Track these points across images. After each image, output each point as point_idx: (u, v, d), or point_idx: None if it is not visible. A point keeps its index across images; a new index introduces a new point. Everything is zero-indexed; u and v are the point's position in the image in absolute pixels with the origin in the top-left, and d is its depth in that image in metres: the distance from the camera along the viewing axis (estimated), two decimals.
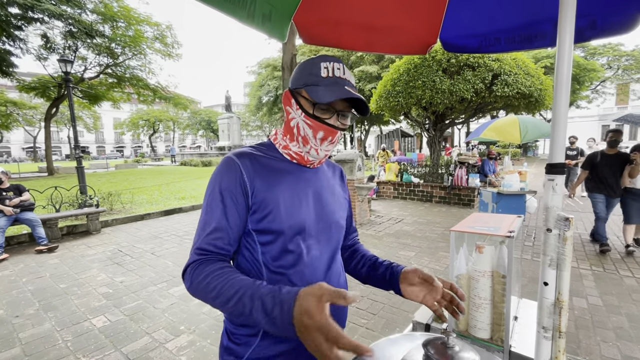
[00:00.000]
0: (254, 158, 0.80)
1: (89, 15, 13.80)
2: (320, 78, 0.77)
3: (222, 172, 0.78)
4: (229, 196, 0.76)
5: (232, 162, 0.78)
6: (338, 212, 0.90)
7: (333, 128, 0.79)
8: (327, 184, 0.91)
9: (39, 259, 4.52)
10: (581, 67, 21.67)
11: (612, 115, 35.97)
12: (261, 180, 0.78)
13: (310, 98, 0.78)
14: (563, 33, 0.70)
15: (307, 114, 0.78)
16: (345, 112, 0.81)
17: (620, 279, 3.61)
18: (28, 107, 25.32)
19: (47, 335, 2.64)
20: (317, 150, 0.81)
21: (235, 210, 0.76)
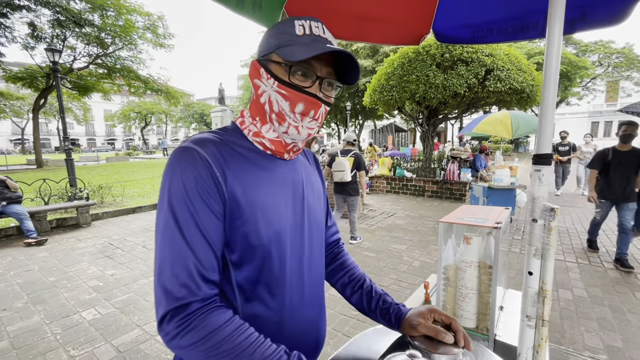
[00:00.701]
0: (221, 145, 0.63)
1: (77, 3, 13.44)
2: (295, 37, 0.61)
3: (182, 167, 0.58)
4: (201, 200, 0.57)
5: (193, 153, 0.58)
6: (320, 210, 0.79)
7: (315, 98, 0.63)
8: (306, 177, 0.77)
9: (27, 252, 4.45)
10: (572, 64, 21.88)
11: (601, 112, 36.59)
12: (234, 177, 0.61)
13: (283, 60, 0.61)
14: (553, 25, 0.70)
15: (282, 82, 0.63)
16: (330, 80, 0.65)
17: (605, 271, 3.70)
18: (15, 97, 24.66)
19: (35, 329, 2.62)
20: (298, 127, 0.65)
21: (213, 220, 0.58)
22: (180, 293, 0.54)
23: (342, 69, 0.67)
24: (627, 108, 5.10)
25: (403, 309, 0.77)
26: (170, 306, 0.54)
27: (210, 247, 0.57)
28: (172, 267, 0.55)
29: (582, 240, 4.85)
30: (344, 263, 0.90)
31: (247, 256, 0.63)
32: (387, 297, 0.81)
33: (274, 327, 0.67)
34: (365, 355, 0.76)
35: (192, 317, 0.54)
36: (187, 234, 0.56)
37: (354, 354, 0.78)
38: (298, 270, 0.70)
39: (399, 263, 3.99)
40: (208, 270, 0.57)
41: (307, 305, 0.73)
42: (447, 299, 1.07)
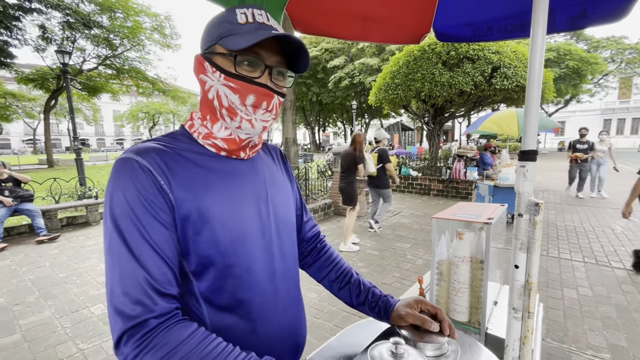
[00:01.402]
0: (165, 154, 0.58)
1: (86, 5, 13.68)
2: (237, 25, 0.58)
3: (122, 181, 0.54)
4: (146, 212, 0.53)
5: (132, 164, 0.54)
6: (287, 208, 0.75)
7: (266, 88, 0.60)
8: (270, 175, 0.73)
9: (39, 249, 4.58)
10: (583, 60, 21.49)
11: (614, 110, 35.83)
12: (181, 186, 0.57)
13: (227, 50, 0.58)
14: (536, 24, 0.72)
15: (228, 74, 0.59)
16: (280, 69, 0.62)
17: (612, 270, 3.66)
18: (27, 99, 25.23)
19: (46, 322, 2.70)
20: (251, 120, 0.61)
21: (163, 231, 0.54)
22: (134, 311, 0.49)
23: (292, 58, 0.64)
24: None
25: (392, 301, 0.78)
26: (125, 326, 0.49)
27: (162, 259, 0.53)
28: (122, 286, 0.50)
29: (590, 239, 4.79)
30: (329, 259, 0.88)
31: (206, 265, 0.59)
32: (376, 290, 0.81)
33: (247, 335, 0.64)
34: (354, 346, 0.79)
35: (150, 336, 0.49)
36: (134, 249, 0.52)
37: (344, 344, 0.80)
38: (268, 274, 0.67)
39: (403, 261, 4.00)
40: (162, 283, 0.52)
41: (280, 309, 0.70)
42: (441, 293, 1.09)
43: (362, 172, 4.50)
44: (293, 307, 0.74)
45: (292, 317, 0.74)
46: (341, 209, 6.58)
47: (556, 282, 3.39)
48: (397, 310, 0.74)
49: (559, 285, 3.30)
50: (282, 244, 0.71)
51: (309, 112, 31.02)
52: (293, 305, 0.74)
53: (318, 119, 33.75)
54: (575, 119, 38.07)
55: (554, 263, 3.89)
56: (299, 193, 0.86)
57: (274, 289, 0.68)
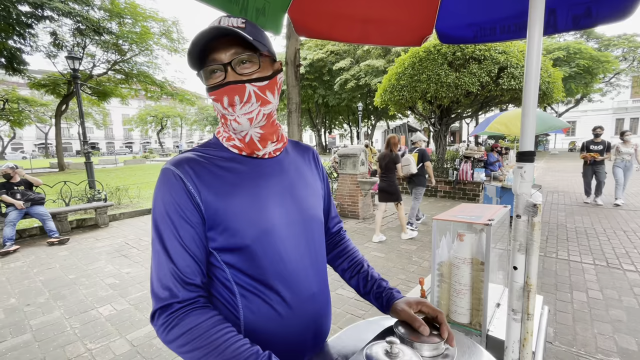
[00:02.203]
0: (195, 163, 0.67)
1: (96, 12, 13.97)
2: (191, 49, 0.64)
3: (162, 188, 0.65)
4: (177, 215, 0.63)
5: (169, 174, 0.65)
6: (315, 205, 0.80)
7: (230, 84, 0.65)
8: (296, 173, 0.78)
9: (49, 251, 4.67)
10: (594, 58, 21.12)
11: (627, 109, 35.10)
12: (209, 188, 0.66)
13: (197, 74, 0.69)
14: (533, 25, 0.72)
15: (207, 90, 0.68)
16: (240, 57, 0.65)
17: (624, 273, 3.58)
18: (39, 104, 25.79)
19: (56, 323, 2.75)
20: (236, 119, 0.68)
21: (190, 230, 0.64)
22: (163, 294, 0.61)
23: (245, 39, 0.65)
24: None
25: (396, 294, 0.80)
26: (157, 305, 0.62)
27: (188, 254, 0.63)
28: (157, 274, 0.63)
29: (601, 241, 4.70)
30: (345, 249, 0.94)
31: (236, 258, 0.67)
32: (383, 282, 0.85)
33: (275, 321, 0.70)
34: (353, 344, 0.79)
35: (173, 316, 0.61)
36: (167, 246, 0.63)
37: (344, 342, 0.81)
38: (296, 264, 0.72)
39: (408, 263, 3.98)
40: (187, 274, 0.63)
41: (308, 299, 0.75)
42: (442, 294, 1.09)
43: (401, 171, 4.95)
44: (321, 298, 0.79)
45: (320, 308, 0.78)
46: (347, 211, 6.58)
47: (565, 284, 3.33)
48: (396, 305, 0.76)
49: (568, 288, 3.24)
50: (309, 238, 0.76)
51: (315, 114, 31.09)
52: (321, 296, 0.79)
53: (324, 121, 33.80)
54: (586, 119, 37.36)
55: (564, 265, 3.82)
56: (328, 192, 0.91)
57: (302, 277, 0.73)
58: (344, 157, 6.58)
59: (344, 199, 6.60)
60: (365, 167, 6.75)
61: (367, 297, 0.85)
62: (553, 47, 21.97)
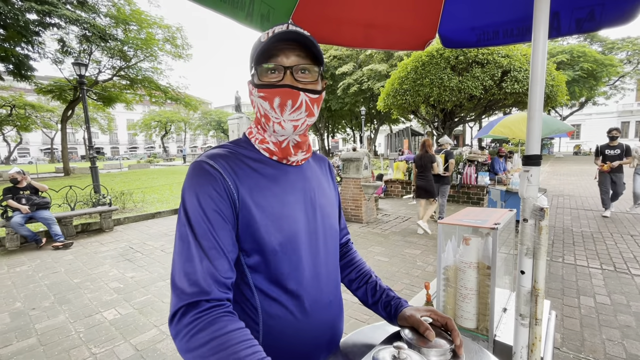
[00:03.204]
0: (231, 159, 0.67)
1: (102, 19, 14.18)
2: (259, 44, 0.65)
3: (197, 181, 0.63)
4: (214, 210, 0.61)
5: (206, 167, 0.63)
6: (333, 214, 0.81)
7: (287, 87, 0.64)
8: (317, 183, 0.79)
9: (54, 255, 4.69)
10: (598, 62, 21.05)
11: (632, 112, 34.85)
12: (245, 187, 0.65)
13: (253, 67, 0.68)
14: (537, 28, 0.72)
15: (257, 86, 0.67)
16: (302, 65, 0.66)
17: (632, 277, 3.53)
18: (45, 109, 26.13)
19: (61, 327, 2.76)
20: (281, 123, 0.67)
21: (226, 227, 0.62)
22: (190, 290, 0.57)
23: (313, 49, 0.67)
24: None
25: (404, 303, 0.80)
26: (180, 303, 0.56)
27: (222, 252, 0.61)
28: (185, 269, 0.58)
29: (608, 245, 4.64)
30: (352, 260, 0.94)
31: (261, 260, 0.67)
32: (391, 292, 0.85)
33: (293, 327, 0.71)
34: (360, 349, 0.79)
35: (201, 316, 0.55)
36: (201, 240, 0.60)
37: (351, 348, 0.80)
38: (314, 272, 0.73)
39: (412, 268, 3.95)
40: (221, 272, 0.60)
41: (324, 306, 0.76)
42: (447, 299, 1.08)
43: (437, 169, 5.44)
44: (335, 306, 0.80)
45: (334, 316, 0.80)
46: (350, 215, 6.56)
47: (572, 289, 3.29)
48: (404, 312, 0.76)
49: (576, 293, 3.20)
50: (327, 246, 0.77)
51: (318, 118, 31.20)
52: (335, 304, 0.80)
53: (327, 125, 33.87)
54: (591, 122, 37.14)
55: (570, 270, 3.78)
56: (339, 203, 0.91)
57: (319, 285, 0.74)
58: (347, 161, 6.59)
59: (348, 203, 6.59)
60: (369, 171, 6.74)
61: (375, 307, 0.85)
62: (557, 50, 21.94)
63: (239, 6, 1.31)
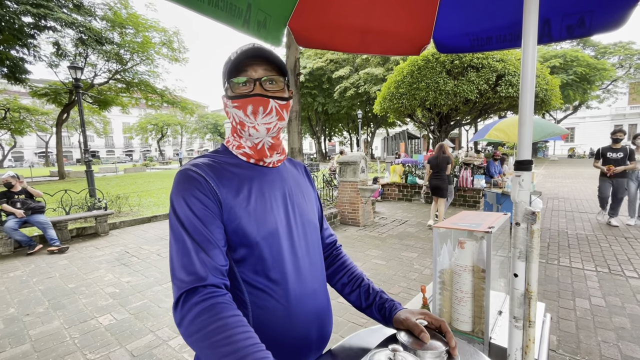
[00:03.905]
0: (211, 166, 0.75)
1: (98, 22, 14.15)
2: (229, 61, 0.73)
3: (183, 187, 0.70)
4: (202, 210, 0.68)
5: (190, 174, 0.71)
6: (311, 212, 0.87)
7: (258, 96, 0.73)
8: (294, 182, 0.86)
9: (49, 260, 4.65)
10: (591, 66, 21.36)
11: (624, 115, 35.34)
12: (225, 188, 0.73)
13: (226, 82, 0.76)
14: (527, 34, 0.74)
15: (232, 98, 0.75)
16: (270, 77, 0.74)
17: (626, 279, 3.57)
18: (40, 112, 25.94)
19: (55, 333, 2.73)
20: (255, 126, 0.75)
21: (214, 221, 0.69)
22: (188, 278, 0.63)
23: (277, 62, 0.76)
24: None
25: (398, 306, 0.83)
26: (181, 290, 0.62)
27: (216, 245, 0.67)
28: (182, 261, 0.64)
29: (602, 247, 4.69)
30: (343, 264, 0.97)
31: (244, 253, 0.73)
32: (384, 294, 0.88)
33: (281, 316, 0.75)
34: (356, 352, 0.79)
35: (201, 301, 0.60)
36: (193, 234, 0.66)
37: (347, 351, 0.81)
38: (295, 261, 0.78)
39: (410, 271, 3.96)
40: (215, 261, 0.66)
41: (309, 294, 0.79)
42: (444, 302, 1.09)
43: (449, 170, 5.98)
44: (321, 296, 0.83)
45: (321, 306, 0.83)
46: (347, 219, 6.57)
47: (568, 291, 3.31)
48: (399, 315, 0.79)
49: (571, 295, 3.23)
50: (307, 239, 0.83)
51: (315, 122, 31.24)
52: (321, 294, 0.84)
53: (324, 129, 33.94)
54: (584, 125, 37.61)
55: (565, 272, 3.81)
56: (319, 204, 0.97)
57: (302, 273, 0.79)
58: (344, 164, 6.61)
59: (345, 206, 6.60)
60: (366, 174, 6.76)
61: (369, 311, 0.87)
62: (550, 54, 22.22)
63: (236, 14, 1.32)
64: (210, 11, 1.18)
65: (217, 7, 1.20)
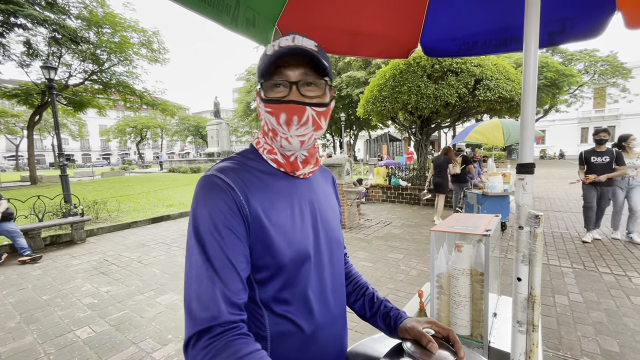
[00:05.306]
0: (241, 172, 0.66)
1: (73, 21, 13.58)
2: (266, 57, 0.64)
3: (207, 196, 0.61)
4: (226, 227, 0.59)
5: (217, 181, 0.62)
6: (338, 228, 0.80)
7: (292, 103, 0.64)
8: (323, 196, 0.79)
9: (20, 271, 4.38)
10: (560, 72, 22.44)
11: (590, 119, 37.36)
12: (257, 201, 0.64)
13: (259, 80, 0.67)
14: (529, 40, 0.75)
15: (264, 101, 0.66)
16: (307, 80, 0.65)
17: (600, 275, 3.73)
18: (10, 114, 24.62)
19: (28, 349, 2.56)
20: (288, 138, 0.66)
21: (239, 245, 0.60)
22: (203, 315, 0.55)
23: (319, 63, 0.65)
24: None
25: (403, 315, 0.80)
26: (194, 329, 0.55)
27: (236, 271, 0.59)
28: (198, 292, 0.57)
29: (576, 244, 4.90)
30: (348, 273, 0.93)
31: (271, 275, 0.65)
32: (388, 303, 0.85)
33: (302, 341, 0.69)
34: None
35: (215, 341, 0.54)
36: (213, 260, 0.58)
37: None
38: (321, 286, 0.72)
39: (396, 272, 3.99)
40: (234, 293, 0.58)
41: (332, 320, 0.74)
42: (441, 307, 1.09)
43: (453, 169, 6.58)
44: (341, 319, 0.79)
45: (341, 329, 0.78)
46: None
47: (547, 288, 3.43)
48: (405, 324, 0.76)
49: (551, 292, 3.34)
50: (333, 259, 0.76)
51: None
52: (341, 317, 0.79)
53: None
54: (554, 128, 39.52)
55: (544, 270, 3.94)
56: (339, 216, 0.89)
57: (326, 299, 0.73)
58: (329, 167, 6.61)
59: None
60: (351, 176, 6.79)
61: (373, 320, 0.85)
62: (522, 60, 23.15)
63: (224, 10, 1.28)
64: (197, 6, 1.14)
65: (204, 2, 1.16)
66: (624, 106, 33.08)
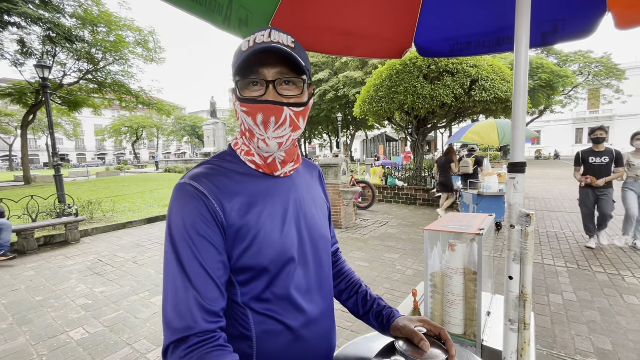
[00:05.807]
0: (216, 177, 0.64)
1: (68, 19, 13.47)
2: (241, 53, 0.61)
3: (180, 205, 0.60)
4: (199, 235, 0.59)
5: (189, 189, 0.61)
6: (324, 225, 0.79)
7: (269, 103, 0.61)
8: (308, 193, 0.77)
9: (13, 271, 4.34)
10: (554, 73, 22.62)
11: (585, 119, 37.72)
12: (232, 205, 0.63)
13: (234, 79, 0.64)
14: (519, 40, 0.75)
15: (240, 100, 0.63)
16: (284, 78, 0.62)
17: (593, 275, 3.77)
18: (3, 114, 24.36)
19: (21, 351, 2.54)
20: (265, 140, 0.64)
21: (213, 252, 0.60)
22: (178, 325, 0.55)
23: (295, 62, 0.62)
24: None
25: (396, 313, 0.80)
26: (171, 339, 0.55)
27: (211, 278, 0.59)
28: (174, 301, 0.57)
29: (571, 244, 4.94)
30: (341, 270, 0.93)
31: (252, 277, 0.64)
32: (381, 301, 0.85)
33: (289, 339, 0.68)
34: None
35: (190, 352, 0.54)
36: (188, 269, 0.58)
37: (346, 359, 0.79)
38: (307, 284, 0.72)
39: (392, 272, 4.00)
40: (210, 301, 0.58)
41: (319, 318, 0.74)
42: (435, 306, 1.09)
43: (455, 169, 6.84)
44: (328, 316, 0.78)
45: (328, 327, 0.77)
46: None
47: (542, 287, 3.45)
48: (397, 323, 0.76)
49: (545, 291, 3.37)
50: (318, 256, 0.75)
51: None
52: (328, 314, 0.78)
53: (304, 132, 33.96)
54: (549, 129, 39.89)
55: (539, 269, 3.97)
56: (329, 211, 0.87)
57: (312, 297, 0.72)
58: (325, 167, 6.61)
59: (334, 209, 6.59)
60: (347, 176, 6.80)
61: (366, 318, 0.84)
62: (514, 60, 23.29)
63: (216, 10, 1.27)
64: (188, 5, 1.13)
65: (195, 2, 1.15)
66: (618, 107, 33.46)
